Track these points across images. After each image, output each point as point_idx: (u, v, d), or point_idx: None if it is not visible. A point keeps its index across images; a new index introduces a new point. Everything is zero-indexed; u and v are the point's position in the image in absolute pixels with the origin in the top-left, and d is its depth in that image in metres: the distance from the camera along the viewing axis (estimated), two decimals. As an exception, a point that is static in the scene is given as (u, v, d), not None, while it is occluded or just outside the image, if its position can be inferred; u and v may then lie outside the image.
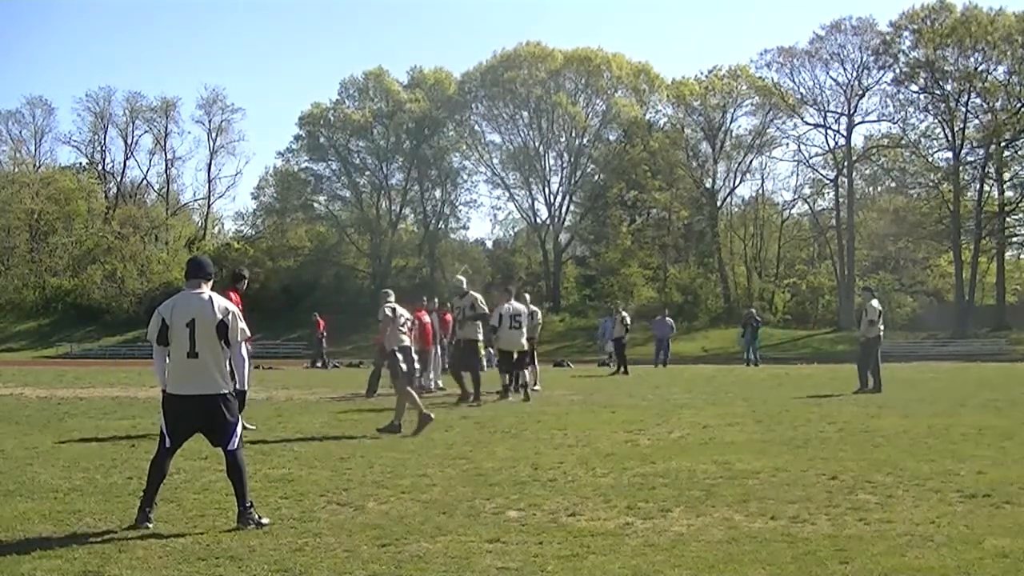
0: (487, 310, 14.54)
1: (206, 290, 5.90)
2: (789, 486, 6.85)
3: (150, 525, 5.61)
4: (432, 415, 10.32)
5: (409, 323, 11.22)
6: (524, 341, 14.78)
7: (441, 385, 16.63)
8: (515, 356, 14.75)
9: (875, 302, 15.94)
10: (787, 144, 62.18)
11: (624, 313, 24.01)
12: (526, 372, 15.31)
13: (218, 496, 6.55)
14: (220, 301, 5.87)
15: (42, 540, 5.36)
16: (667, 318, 29.25)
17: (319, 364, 29.59)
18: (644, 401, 14.10)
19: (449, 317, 16.84)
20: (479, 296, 14.72)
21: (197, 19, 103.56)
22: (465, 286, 14.98)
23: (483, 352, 14.69)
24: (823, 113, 59.31)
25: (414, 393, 10.66)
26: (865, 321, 15.70)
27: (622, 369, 22.37)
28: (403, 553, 5.06)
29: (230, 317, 5.82)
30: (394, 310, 10.99)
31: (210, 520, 5.89)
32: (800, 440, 9.32)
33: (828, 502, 6.25)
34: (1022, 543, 5.07)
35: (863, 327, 15.80)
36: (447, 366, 16.20)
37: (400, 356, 10.66)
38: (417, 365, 11.41)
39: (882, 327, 15.90)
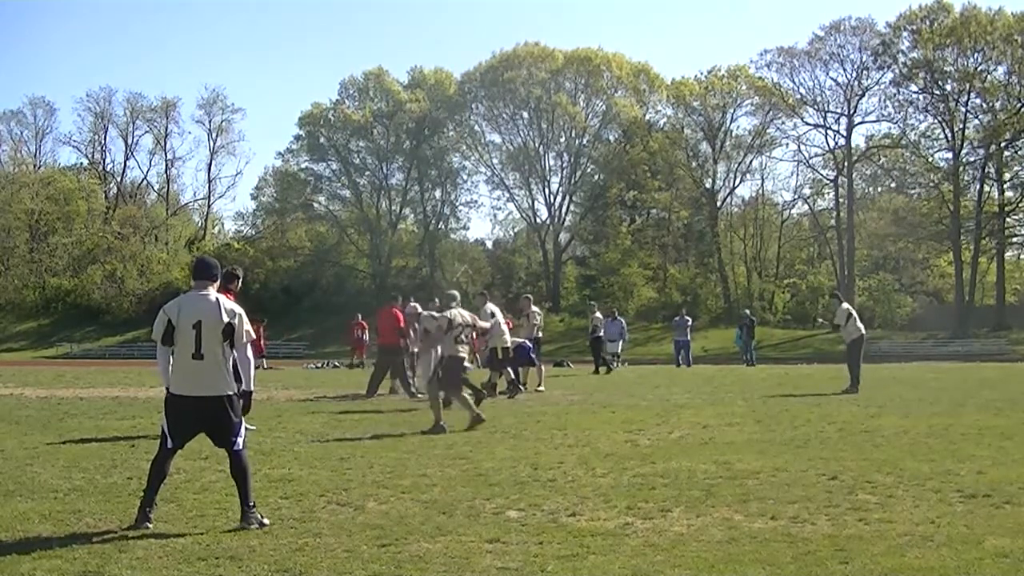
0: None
1: (212, 292, 5.89)
2: (789, 486, 6.85)
3: (150, 525, 5.61)
4: (445, 428, 10.32)
5: (467, 331, 11.23)
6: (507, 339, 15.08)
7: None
8: (500, 353, 14.98)
9: (844, 305, 16.34)
10: (787, 144, 62.23)
11: (598, 313, 24.01)
12: (510, 371, 15.48)
13: (218, 496, 6.55)
14: (227, 303, 5.87)
15: (42, 540, 5.36)
16: (685, 317, 29.87)
17: None
18: (644, 401, 14.10)
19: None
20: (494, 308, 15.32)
21: (197, 19, 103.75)
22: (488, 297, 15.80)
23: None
24: (823, 113, 59.38)
25: (440, 400, 10.75)
26: (843, 327, 15.95)
27: (601, 369, 22.62)
28: (403, 553, 5.06)
29: (236, 319, 5.82)
30: (450, 321, 11.02)
31: (210, 520, 5.88)
32: (800, 440, 9.32)
33: (828, 502, 6.25)
34: (1022, 543, 5.07)
35: (842, 331, 16.09)
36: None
37: (444, 363, 10.80)
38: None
39: (861, 326, 16.09)
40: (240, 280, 10.36)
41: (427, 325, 12.79)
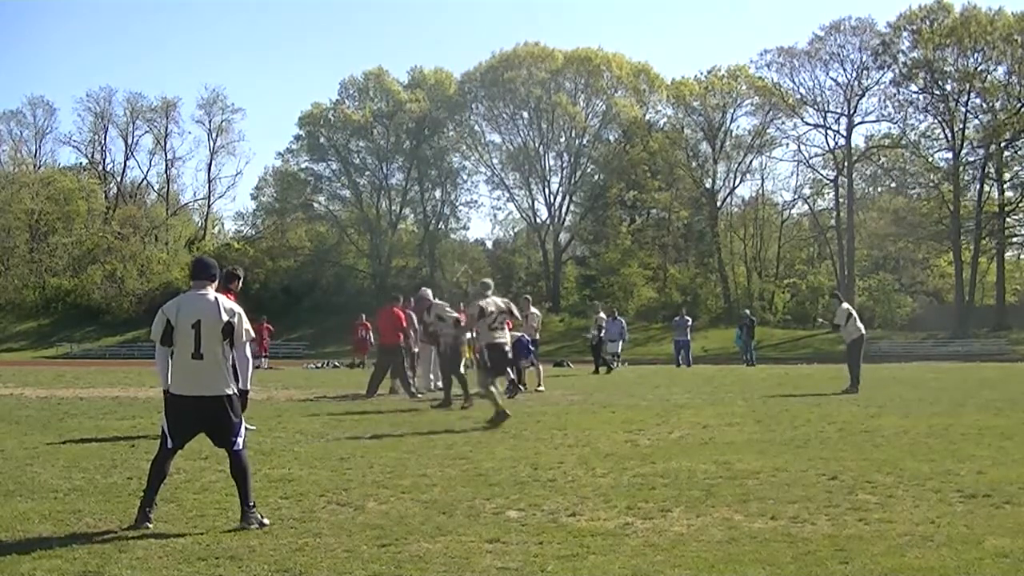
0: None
1: (211, 291, 5.89)
2: (789, 486, 6.84)
3: (150, 525, 5.61)
4: (507, 413, 10.63)
5: (501, 318, 11.35)
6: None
7: (440, 385, 16.57)
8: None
9: (845, 305, 16.31)
10: (787, 144, 62.31)
11: (602, 314, 24.09)
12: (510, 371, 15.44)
13: (218, 496, 6.54)
14: (226, 302, 5.86)
15: (42, 540, 5.36)
16: (685, 317, 29.89)
17: None
18: (644, 401, 14.09)
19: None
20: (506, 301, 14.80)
21: (197, 19, 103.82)
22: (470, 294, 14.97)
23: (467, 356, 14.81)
24: (823, 113, 59.42)
25: (495, 391, 10.90)
26: (843, 327, 15.90)
27: (600, 369, 22.76)
28: (403, 553, 5.06)
29: (236, 318, 5.82)
30: (482, 309, 11.18)
31: (210, 520, 5.88)
32: (800, 440, 9.31)
33: (828, 502, 6.25)
34: (1022, 543, 5.07)
35: (842, 331, 16.05)
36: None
37: (486, 353, 11.06)
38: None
39: (861, 326, 16.05)
40: (241, 280, 10.38)
41: (440, 312, 13.00)
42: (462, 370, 13.77)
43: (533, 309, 18.33)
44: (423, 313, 15.44)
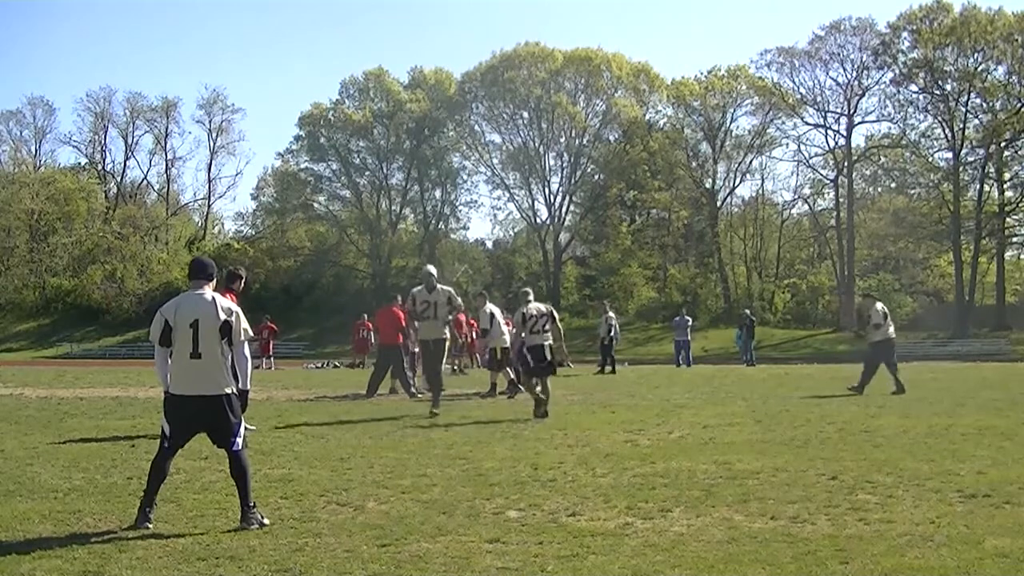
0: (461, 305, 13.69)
1: (209, 291, 5.91)
2: (789, 486, 6.84)
3: (150, 525, 5.61)
4: (547, 411, 11.36)
5: (543, 320, 11.98)
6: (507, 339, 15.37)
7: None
8: (499, 353, 15.39)
9: (880, 305, 15.74)
10: (787, 144, 62.28)
11: (611, 314, 24.22)
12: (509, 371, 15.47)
13: (218, 496, 6.55)
14: (223, 302, 5.88)
15: (42, 540, 5.36)
16: (685, 317, 29.86)
17: None
18: (644, 401, 14.09)
19: (462, 318, 17.18)
20: (452, 290, 13.32)
21: (197, 19, 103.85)
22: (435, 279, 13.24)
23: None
24: (823, 113, 59.41)
25: (539, 388, 11.61)
26: (870, 326, 15.41)
27: (606, 369, 22.96)
28: (403, 553, 5.06)
29: (234, 317, 5.83)
30: (524, 315, 11.85)
31: (210, 520, 5.88)
32: (800, 440, 9.31)
33: (828, 502, 6.25)
34: (1022, 543, 5.06)
35: (869, 331, 15.45)
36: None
37: (529, 355, 11.76)
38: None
39: (891, 328, 15.58)
40: (243, 280, 10.39)
41: (450, 296, 13.16)
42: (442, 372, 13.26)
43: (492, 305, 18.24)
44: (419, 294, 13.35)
